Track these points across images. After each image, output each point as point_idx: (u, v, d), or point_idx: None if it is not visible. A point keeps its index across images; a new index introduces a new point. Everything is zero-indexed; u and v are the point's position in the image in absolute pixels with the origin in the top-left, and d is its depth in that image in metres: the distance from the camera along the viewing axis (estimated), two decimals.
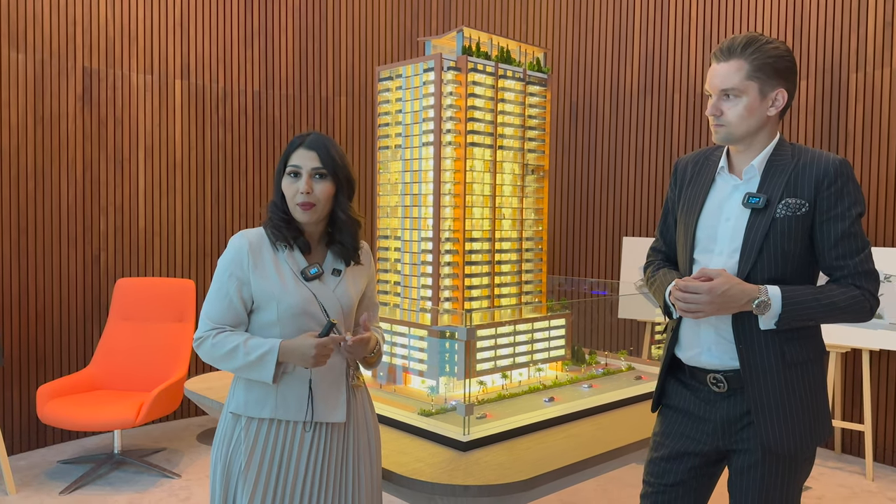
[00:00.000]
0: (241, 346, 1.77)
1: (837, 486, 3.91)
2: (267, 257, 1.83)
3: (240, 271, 1.81)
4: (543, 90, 3.16)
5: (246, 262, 1.81)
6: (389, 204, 3.09)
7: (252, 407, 1.83)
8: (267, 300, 1.81)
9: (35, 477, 3.90)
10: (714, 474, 1.88)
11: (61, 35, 4.37)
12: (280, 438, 1.82)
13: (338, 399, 1.87)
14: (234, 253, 1.82)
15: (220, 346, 1.78)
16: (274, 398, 1.82)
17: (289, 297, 1.80)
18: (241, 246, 1.82)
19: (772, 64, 1.70)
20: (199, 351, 1.82)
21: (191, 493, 3.71)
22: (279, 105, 5.23)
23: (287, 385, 1.83)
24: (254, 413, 1.82)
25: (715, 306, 1.66)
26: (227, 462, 1.84)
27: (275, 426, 1.82)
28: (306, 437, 1.83)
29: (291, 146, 1.86)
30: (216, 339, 1.79)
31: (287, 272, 1.83)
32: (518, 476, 2.01)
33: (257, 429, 1.82)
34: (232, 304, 1.81)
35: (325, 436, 1.85)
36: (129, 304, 4.35)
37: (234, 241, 1.84)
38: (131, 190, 4.69)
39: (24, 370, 4.28)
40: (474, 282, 2.94)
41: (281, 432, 1.82)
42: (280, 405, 1.82)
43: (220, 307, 1.82)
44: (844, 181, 1.69)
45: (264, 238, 1.85)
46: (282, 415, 1.82)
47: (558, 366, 3.17)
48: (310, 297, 1.83)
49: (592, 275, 5.43)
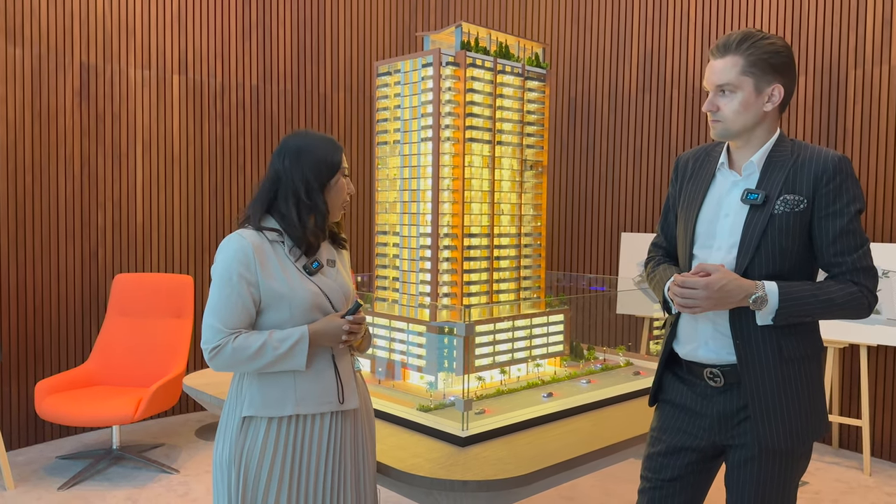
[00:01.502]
0: (268, 343, 1.76)
1: (835, 481, 3.92)
2: (271, 257, 1.83)
3: (248, 273, 1.78)
4: (542, 85, 3.16)
5: (253, 263, 1.79)
6: (388, 199, 3.08)
7: (271, 406, 1.81)
8: (277, 300, 1.81)
9: (33, 472, 3.90)
10: (711, 469, 1.89)
11: (58, 29, 4.35)
12: (299, 434, 1.82)
13: (350, 387, 1.90)
14: (239, 255, 1.78)
15: (244, 348, 1.75)
16: (294, 394, 1.81)
17: (299, 294, 1.82)
18: (244, 248, 1.79)
19: (767, 59, 1.71)
20: (218, 359, 1.76)
21: (189, 488, 3.71)
22: (277, 100, 5.22)
23: (306, 379, 1.83)
24: (273, 412, 1.80)
25: (712, 302, 1.67)
26: (243, 466, 1.79)
27: (293, 422, 1.82)
28: (325, 428, 1.85)
29: (338, 149, 1.92)
30: (237, 343, 1.75)
31: (291, 270, 1.84)
32: (516, 471, 2.01)
33: (277, 428, 1.81)
34: (245, 307, 1.78)
35: (341, 424, 1.88)
36: (127, 300, 4.34)
37: (233, 243, 1.80)
38: (129, 185, 4.68)
39: (23, 366, 4.28)
40: (473, 277, 2.93)
41: (300, 428, 1.82)
42: (301, 400, 1.82)
43: (233, 311, 1.77)
44: (844, 177, 1.69)
45: (263, 239, 1.84)
46: (304, 409, 1.82)
47: (557, 361, 3.17)
48: (317, 291, 1.85)
49: (591, 270, 5.43)
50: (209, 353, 1.76)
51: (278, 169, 1.87)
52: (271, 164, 1.89)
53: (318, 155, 1.88)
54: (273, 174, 1.88)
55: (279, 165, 1.87)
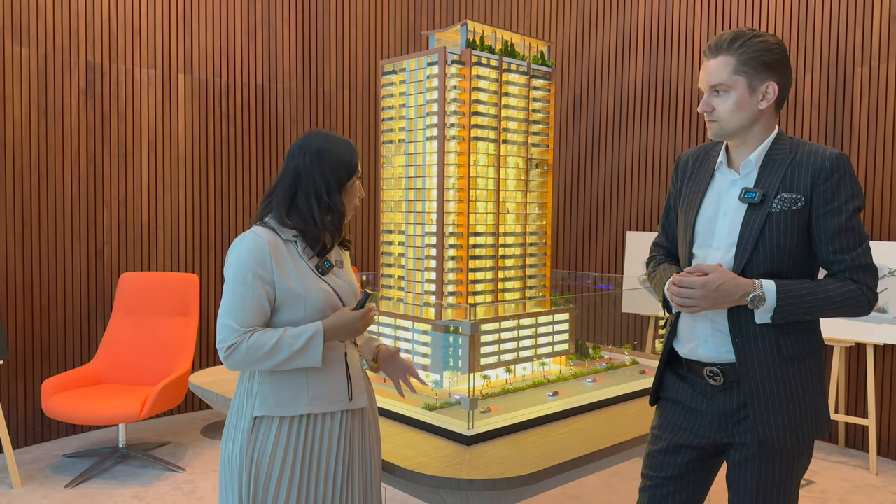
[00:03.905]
0: (283, 339, 1.75)
1: (841, 481, 3.91)
2: (286, 257, 1.83)
3: (263, 272, 1.78)
4: (547, 84, 3.15)
5: (269, 262, 1.79)
6: (393, 198, 3.09)
7: (284, 406, 1.81)
8: (292, 299, 1.81)
9: (40, 471, 3.92)
10: (712, 468, 1.89)
11: (64, 29, 4.36)
12: (311, 433, 1.82)
13: (360, 385, 1.92)
14: (256, 254, 1.78)
15: (259, 346, 1.74)
16: (306, 394, 1.82)
17: (313, 294, 1.83)
18: (261, 246, 1.79)
19: (758, 57, 1.71)
20: (233, 357, 1.75)
21: (195, 486, 3.72)
22: (282, 99, 5.23)
23: (319, 378, 1.84)
24: (286, 412, 1.80)
25: (709, 301, 1.67)
26: (254, 467, 1.79)
27: (305, 422, 1.82)
28: (336, 427, 1.85)
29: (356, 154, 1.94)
30: (252, 342, 1.74)
31: (305, 269, 1.85)
32: (522, 470, 2.01)
33: (289, 428, 1.81)
34: (261, 305, 1.77)
35: (349, 423, 1.89)
36: (133, 299, 4.36)
37: (248, 241, 1.80)
38: (135, 184, 4.69)
39: (29, 364, 4.30)
40: (478, 276, 2.93)
41: (311, 427, 1.82)
42: (313, 399, 1.82)
43: (249, 310, 1.76)
44: (842, 175, 1.69)
45: (277, 238, 1.84)
46: (316, 408, 1.82)
47: (562, 360, 3.17)
48: (329, 290, 1.87)
49: (596, 269, 5.43)
50: (224, 353, 1.75)
51: (298, 165, 1.86)
52: (289, 161, 1.88)
53: (338, 156, 1.88)
54: (293, 171, 1.87)
55: (300, 162, 1.86)
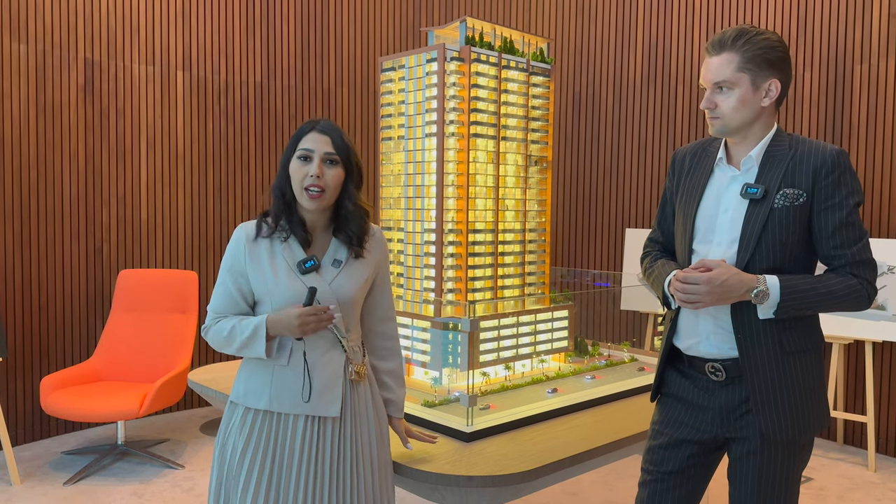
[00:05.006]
0: (236, 327, 1.81)
1: (839, 478, 3.92)
2: (263, 250, 1.82)
3: (237, 263, 1.84)
4: (547, 80, 3.15)
5: (242, 255, 1.82)
6: (392, 195, 3.08)
7: (250, 397, 1.84)
8: (262, 294, 1.83)
9: (39, 468, 3.91)
10: (712, 462, 1.90)
11: (62, 26, 4.35)
12: (274, 430, 1.82)
13: (334, 393, 1.83)
14: (233, 246, 1.86)
15: (221, 331, 1.84)
16: (269, 390, 1.82)
17: (281, 291, 1.79)
18: (238, 239, 1.84)
19: (762, 55, 1.71)
20: (207, 339, 1.89)
21: (194, 483, 3.72)
22: (281, 96, 5.22)
23: (283, 378, 1.82)
24: (251, 403, 1.84)
25: (714, 296, 1.68)
26: (223, 448, 1.88)
27: (268, 418, 1.83)
28: (299, 430, 1.82)
29: (303, 129, 1.82)
30: (217, 326, 1.85)
31: (281, 265, 1.81)
32: (521, 467, 2.01)
33: (253, 419, 1.83)
34: (231, 297, 1.86)
35: (319, 429, 1.83)
36: (132, 296, 4.35)
37: (234, 234, 1.88)
38: (133, 181, 4.68)
39: (28, 361, 4.30)
40: (477, 273, 2.93)
41: (275, 424, 1.82)
42: (275, 397, 1.82)
43: (221, 299, 1.87)
44: (842, 171, 1.70)
45: (261, 230, 1.83)
46: (276, 407, 1.82)
47: (561, 357, 3.17)
48: (303, 290, 1.77)
49: (595, 266, 5.43)
50: (203, 332, 1.89)
51: None
52: None
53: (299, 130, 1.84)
54: None
55: None
